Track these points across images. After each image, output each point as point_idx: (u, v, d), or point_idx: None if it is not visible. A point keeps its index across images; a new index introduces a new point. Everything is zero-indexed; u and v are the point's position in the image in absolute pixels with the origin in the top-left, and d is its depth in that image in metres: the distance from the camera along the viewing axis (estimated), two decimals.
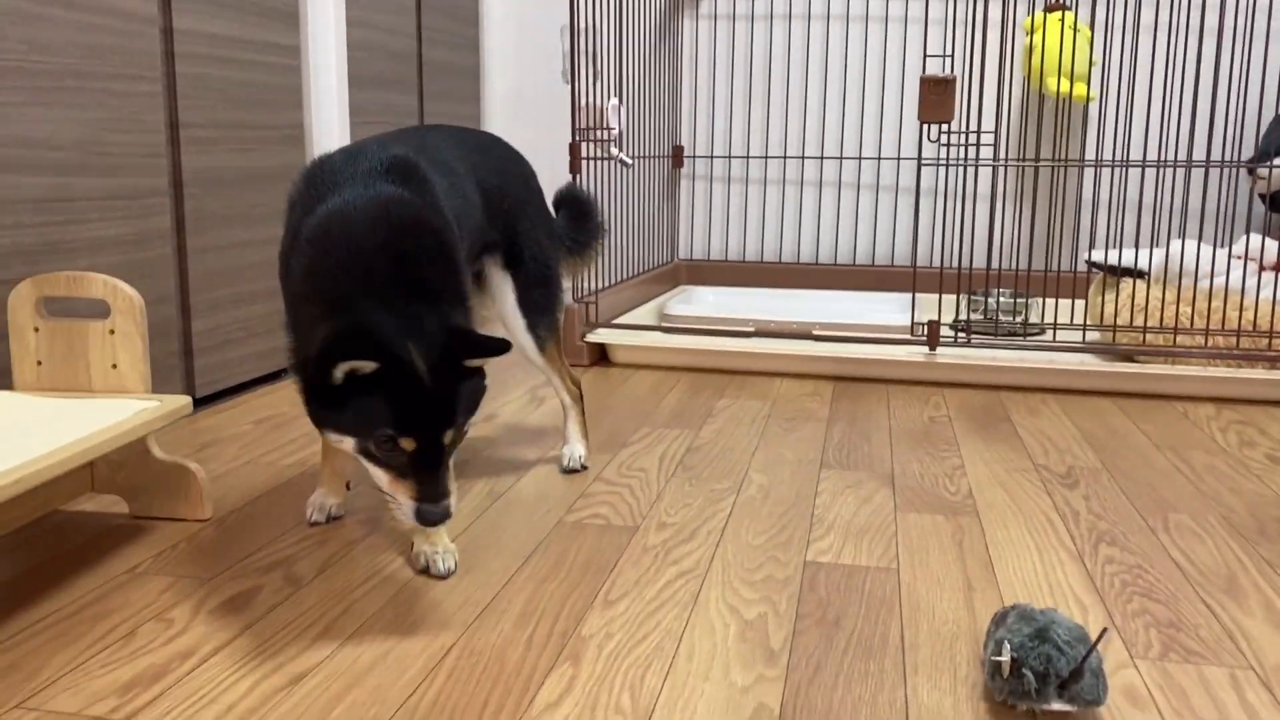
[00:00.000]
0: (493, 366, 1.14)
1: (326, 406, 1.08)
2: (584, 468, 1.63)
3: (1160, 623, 1.13)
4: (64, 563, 1.26)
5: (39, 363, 1.37)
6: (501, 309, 1.55)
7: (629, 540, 1.35)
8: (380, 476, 1.09)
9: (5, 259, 1.53)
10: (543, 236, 1.57)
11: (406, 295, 1.10)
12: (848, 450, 1.76)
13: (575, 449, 1.65)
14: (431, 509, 1.07)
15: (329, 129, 2.35)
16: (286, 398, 2.07)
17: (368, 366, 1.03)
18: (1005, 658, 0.92)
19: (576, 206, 1.75)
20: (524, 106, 3.36)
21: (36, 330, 1.37)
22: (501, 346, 1.11)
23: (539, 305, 1.56)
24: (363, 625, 1.11)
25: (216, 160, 1.96)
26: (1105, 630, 0.90)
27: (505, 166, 1.54)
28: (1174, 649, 1.07)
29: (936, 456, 1.74)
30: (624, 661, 1.03)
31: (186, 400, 1.35)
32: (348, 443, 1.09)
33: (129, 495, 1.41)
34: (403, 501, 1.08)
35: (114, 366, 1.36)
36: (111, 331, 1.35)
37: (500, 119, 3.38)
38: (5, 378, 1.53)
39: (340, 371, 1.03)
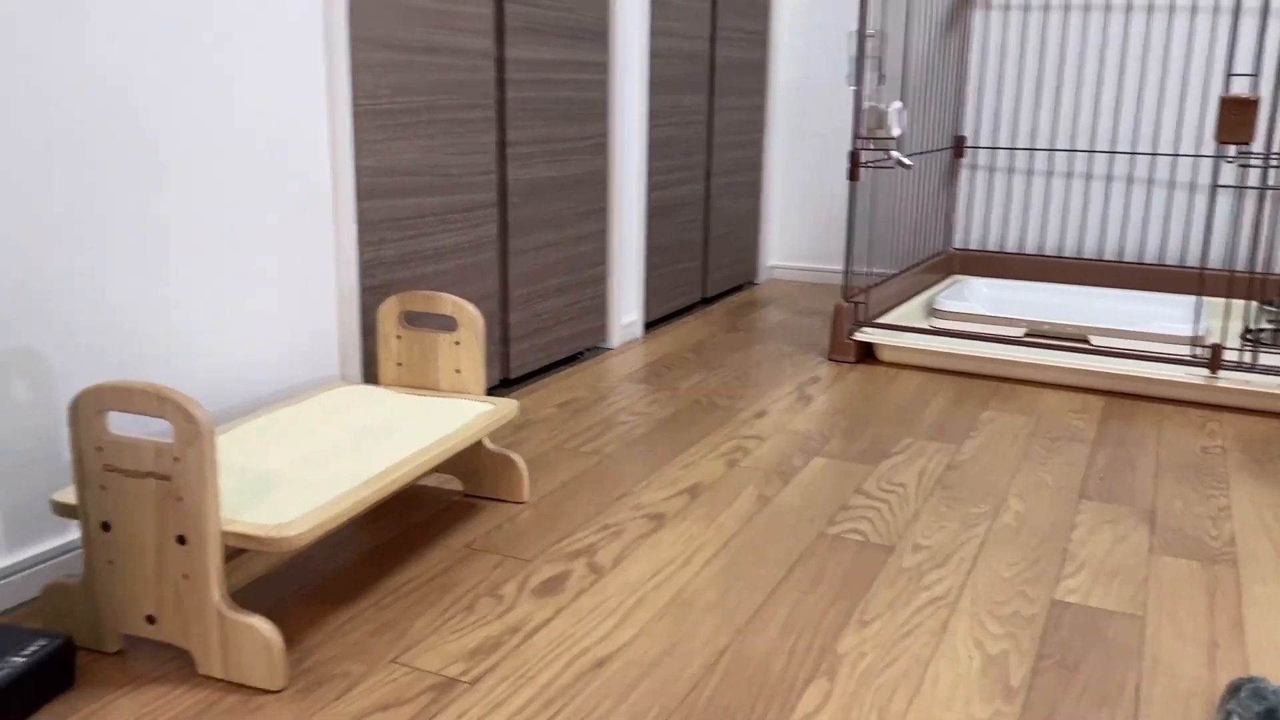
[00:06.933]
0: (763, 358, 1.29)
1: None
2: None
3: None
4: (417, 532, 1.56)
5: (399, 364, 1.67)
6: None
7: (885, 560, 1.49)
8: None
9: (370, 269, 1.84)
10: None
11: None
12: (1110, 480, 1.81)
13: None
14: None
15: (631, 135, 2.58)
16: (582, 380, 2.33)
17: None
18: None
19: None
20: (809, 99, 3.46)
21: (399, 338, 1.66)
22: None
23: None
24: (652, 618, 1.32)
25: (534, 172, 2.22)
26: None
27: None
28: None
29: (1203, 494, 1.75)
30: (875, 682, 1.19)
31: (514, 404, 1.61)
32: None
33: (463, 477, 1.69)
34: None
35: (458, 371, 1.64)
36: (457, 343, 1.63)
37: (784, 110, 3.50)
38: (370, 368, 1.85)
39: None
